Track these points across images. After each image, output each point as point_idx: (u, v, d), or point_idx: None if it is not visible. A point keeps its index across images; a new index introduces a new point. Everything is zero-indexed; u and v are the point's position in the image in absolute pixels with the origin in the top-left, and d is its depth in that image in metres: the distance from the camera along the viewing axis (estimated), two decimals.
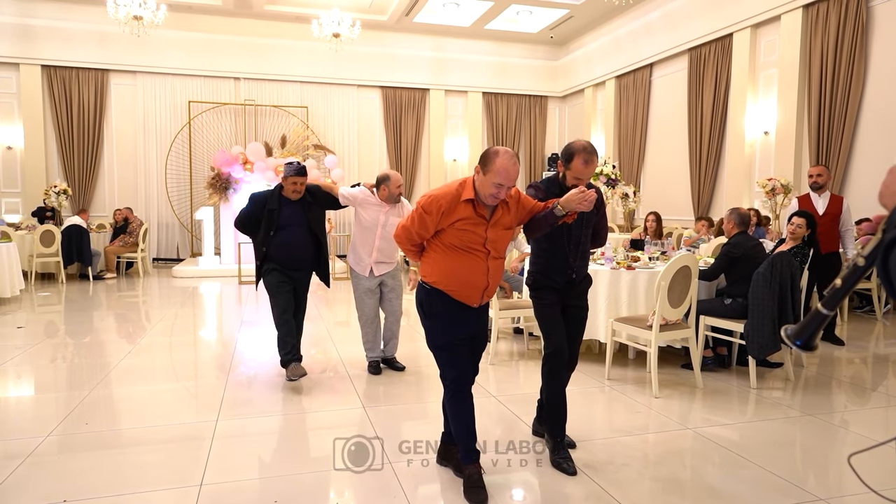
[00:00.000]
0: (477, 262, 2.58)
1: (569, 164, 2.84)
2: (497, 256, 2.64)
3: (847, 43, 7.39)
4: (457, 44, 12.91)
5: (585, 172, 2.82)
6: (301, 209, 4.15)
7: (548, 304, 2.96)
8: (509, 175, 2.46)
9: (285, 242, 4.09)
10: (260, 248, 4.13)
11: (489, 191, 2.48)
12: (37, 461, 2.90)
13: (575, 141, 2.89)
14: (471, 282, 2.59)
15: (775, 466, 2.89)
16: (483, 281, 2.61)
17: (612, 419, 3.67)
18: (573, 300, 3.02)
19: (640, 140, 11.40)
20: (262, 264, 4.17)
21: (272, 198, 4.12)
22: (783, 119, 8.31)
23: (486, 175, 2.48)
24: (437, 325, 2.64)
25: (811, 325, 1.30)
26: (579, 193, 2.58)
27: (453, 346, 2.62)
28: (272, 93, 12.34)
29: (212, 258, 10.56)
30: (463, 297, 2.60)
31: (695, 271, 4.05)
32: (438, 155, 13.42)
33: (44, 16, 10.89)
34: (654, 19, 10.50)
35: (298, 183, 4.08)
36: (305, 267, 4.25)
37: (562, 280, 2.96)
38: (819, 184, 5.54)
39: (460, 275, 2.57)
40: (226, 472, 2.81)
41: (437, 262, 2.61)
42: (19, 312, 6.89)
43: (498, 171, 2.44)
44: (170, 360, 5.00)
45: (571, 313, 3.02)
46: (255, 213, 4.13)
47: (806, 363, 4.71)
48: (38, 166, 11.29)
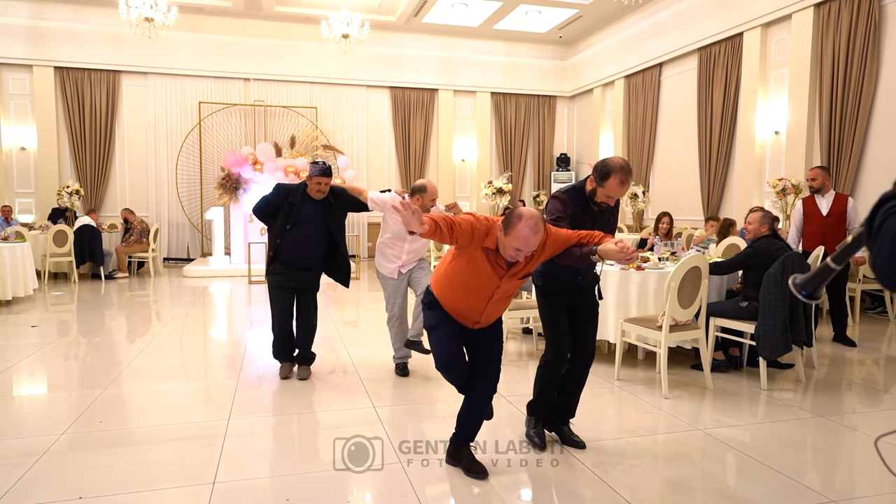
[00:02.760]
0: (476, 300, 2.60)
1: (604, 181, 2.76)
2: (501, 299, 2.65)
3: (859, 42, 7.33)
4: (465, 44, 12.92)
5: (619, 192, 2.78)
6: (322, 209, 4.13)
7: (555, 308, 2.97)
8: (529, 244, 2.39)
9: (299, 239, 4.08)
10: (275, 240, 4.13)
11: (509, 252, 2.45)
12: (52, 458, 2.94)
13: (612, 158, 2.80)
14: (463, 311, 2.65)
15: (786, 468, 2.88)
16: (476, 316, 2.66)
17: (621, 420, 3.66)
18: (582, 299, 3.03)
19: (649, 140, 11.36)
20: (272, 260, 4.17)
21: (296, 192, 4.11)
22: (794, 119, 8.26)
23: (506, 237, 2.42)
24: (433, 313, 2.70)
25: (819, 276, 1.33)
26: (622, 253, 2.48)
27: (443, 330, 2.65)
28: (281, 93, 12.40)
29: (222, 258, 10.63)
30: (456, 317, 2.68)
31: (705, 272, 4.03)
32: (447, 155, 13.43)
33: (56, 18, 11.00)
34: (663, 19, 10.46)
35: (323, 183, 4.06)
36: (315, 267, 4.24)
37: (571, 286, 2.97)
38: (814, 187, 5.53)
39: (456, 301, 2.63)
40: (238, 471, 2.83)
41: (445, 277, 2.65)
42: (33, 311, 6.97)
43: (518, 237, 2.37)
44: (181, 359, 5.05)
45: (583, 312, 3.03)
46: (277, 203, 4.11)
47: (817, 364, 4.68)
48: (51, 167, 11.41)
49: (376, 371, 4.49)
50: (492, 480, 2.74)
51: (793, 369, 4.44)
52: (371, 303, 7.74)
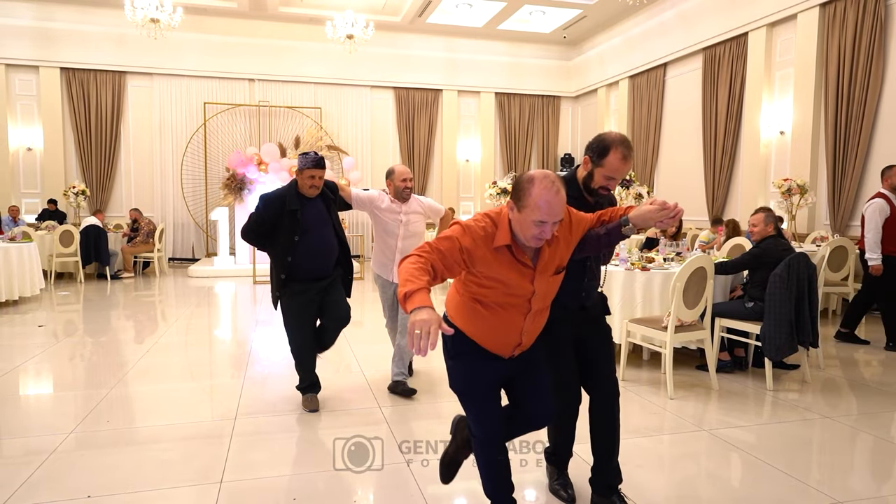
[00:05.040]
0: (512, 318, 2.02)
1: (602, 159, 2.30)
2: (541, 309, 2.09)
3: (865, 41, 7.30)
4: (469, 44, 12.93)
5: (623, 170, 2.30)
6: (325, 208, 3.60)
7: (557, 343, 2.36)
8: (553, 209, 1.84)
9: (312, 248, 3.51)
10: (285, 259, 3.49)
11: (530, 231, 1.87)
12: (60, 457, 2.96)
13: (609, 132, 2.35)
14: (499, 339, 2.06)
15: (792, 469, 2.87)
16: (515, 339, 2.08)
17: (626, 420, 3.64)
18: (591, 332, 2.48)
19: (653, 140, 11.34)
20: (286, 283, 3.54)
21: (291, 197, 3.48)
22: (799, 119, 8.23)
23: (521, 212, 1.87)
24: (459, 366, 2.13)
25: None
26: (662, 209, 2.00)
27: (478, 394, 2.12)
28: (286, 94, 12.43)
29: (227, 258, 10.66)
30: (490, 348, 2.09)
31: (710, 272, 4.03)
32: (451, 155, 13.44)
33: (63, 19, 11.06)
34: (667, 19, 10.45)
35: (316, 177, 3.47)
36: (332, 270, 3.69)
37: (574, 305, 2.40)
38: None
39: (486, 328, 2.05)
40: (245, 470, 2.85)
41: (462, 304, 2.08)
42: (39, 311, 7.00)
43: (537, 204, 1.83)
44: (186, 359, 5.07)
45: (592, 341, 2.47)
46: (270, 217, 3.50)
47: (823, 365, 4.67)
48: (57, 167, 11.47)
49: (381, 370, 4.50)
50: None
51: (799, 370, 4.43)
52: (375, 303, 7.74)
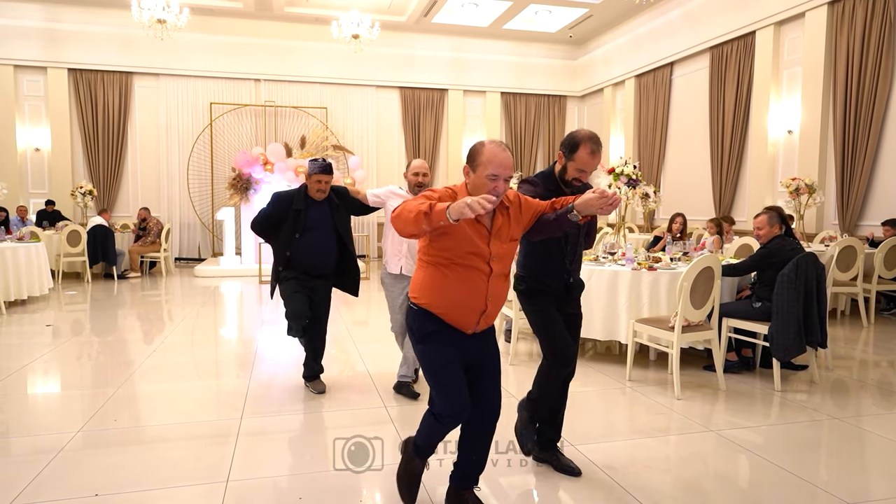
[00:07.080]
0: (476, 281, 2.22)
1: (572, 154, 2.58)
2: (501, 273, 2.29)
3: (873, 40, 7.25)
4: (475, 44, 12.91)
5: (591, 164, 2.58)
6: (328, 211, 3.88)
7: (544, 308, 2.69)
8: (502, 162, 2.16)
9: (310, 246, 3.83)
10: (283, 253, 3.85)
11: (486, 188, 2.16)
12: (68, 456, 2.97)
13: (578, 130, 2.62)
14: (465, 304, 2.23)
15: (800, 470, 2.85)
16: (481, 304, 2.25)
17: (633, 421, 3.65)
18: (569, 308, 2.78)
19: (660, 140, 11.30)
20: (283, 270, 3.89)
21: (298, 198, 3.83)
22: (807, 118, 8.18)
23: (476, 171, 2.20)
24: (429, 348, 2.27)
25: None
26: (601, 198, 2.23)
27: (449, 372, 2.24)
28: (292, 94, 12.45)
29: (233, 258, 10.69)
30: (455, 322, 2.25)
31: (717, 272, 4.01)
32: (457, 155, 13.41)
33: (70, 20, 11.11)
34: (674, 17, 10.40)
35: (323, 181, 3.79)
36: (328, 274, 3.98)
37: (558, 285, 2.72)
38: None
39: (453, 294, 2.22)
40: (251, 469, 2.85)
41: (428, 277, 2.26)
42: (47, 311, 7.04)
43: (489, 160, 2.16)
44: (193, 358, 5.08)
45: (569, 321, 2.76)
46: (277, 214, 3.84)
47: (832, 366, 4.64)
48: (65, 167, 11.53)
49: (387, 370, 4.50)
50: (501, 480, 2.74)
51: (807, 371, 4.40)
52: (381, 303, 7.74)
